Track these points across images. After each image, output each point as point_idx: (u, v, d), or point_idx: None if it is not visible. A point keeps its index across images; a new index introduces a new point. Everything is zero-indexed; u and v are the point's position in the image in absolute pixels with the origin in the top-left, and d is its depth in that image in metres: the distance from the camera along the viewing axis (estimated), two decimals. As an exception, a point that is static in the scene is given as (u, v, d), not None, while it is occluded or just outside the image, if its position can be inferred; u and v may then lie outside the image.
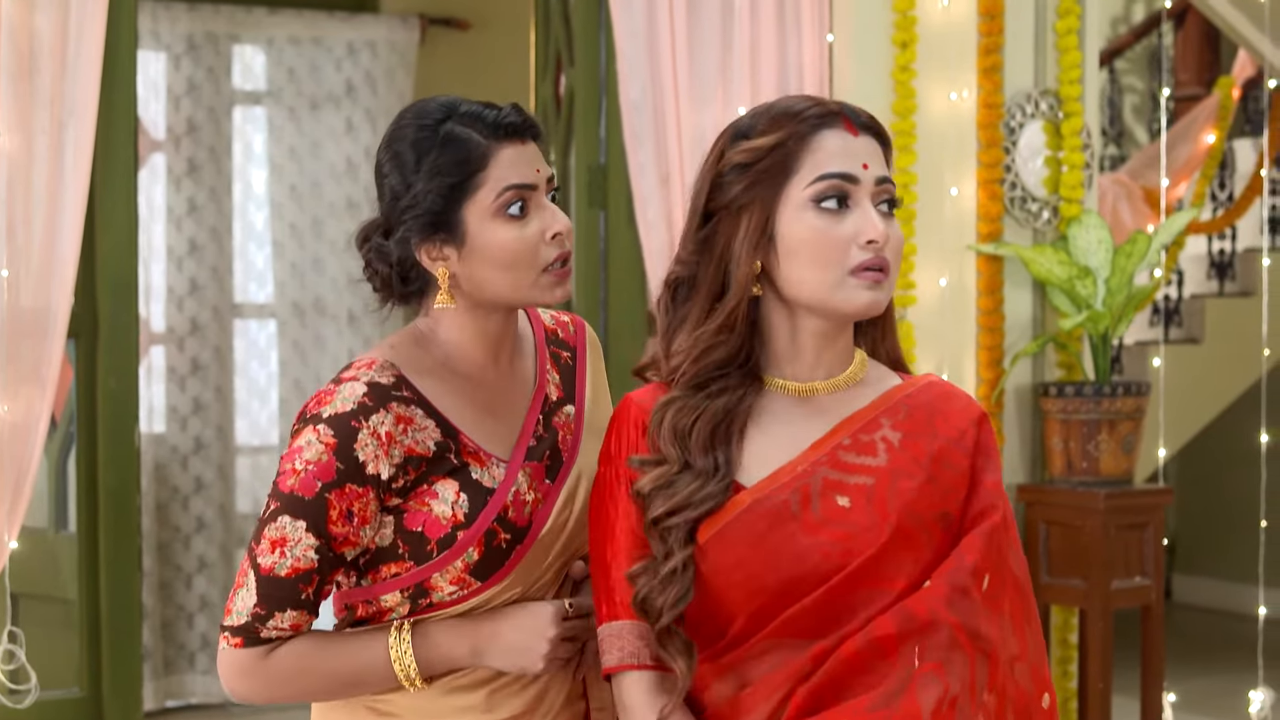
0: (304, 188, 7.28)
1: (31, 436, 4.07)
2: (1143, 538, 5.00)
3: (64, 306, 4.11)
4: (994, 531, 2.23)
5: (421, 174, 2.37)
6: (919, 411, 2.29)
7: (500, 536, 2.36)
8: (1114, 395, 4.92)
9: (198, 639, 7.02)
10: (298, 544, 2.30)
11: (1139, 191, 7.25)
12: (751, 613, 2.20)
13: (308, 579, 2.31)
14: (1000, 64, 5.02)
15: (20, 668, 4.17)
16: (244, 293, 7.39)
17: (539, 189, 2.40)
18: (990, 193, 5.03)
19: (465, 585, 2.37)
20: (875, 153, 2.27)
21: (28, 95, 4.07)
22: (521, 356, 2.53)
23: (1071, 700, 5.14)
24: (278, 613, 2.32)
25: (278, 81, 7.29)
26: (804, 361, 2.30)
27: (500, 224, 2.37)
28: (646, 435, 2.29)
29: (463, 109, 2.40)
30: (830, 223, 2.22)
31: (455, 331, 2.45)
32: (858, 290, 2.22)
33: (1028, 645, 2.26)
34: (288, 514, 2.30)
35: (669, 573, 2.19)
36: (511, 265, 2.38)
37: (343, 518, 2.31)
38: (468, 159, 2.36)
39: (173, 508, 7.03)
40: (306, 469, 2.30)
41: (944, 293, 5.08)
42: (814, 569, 2.18)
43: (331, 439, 2.30)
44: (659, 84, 4.84)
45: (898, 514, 2.20)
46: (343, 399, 2.32)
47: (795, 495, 2.21)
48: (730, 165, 2.27)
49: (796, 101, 2.28)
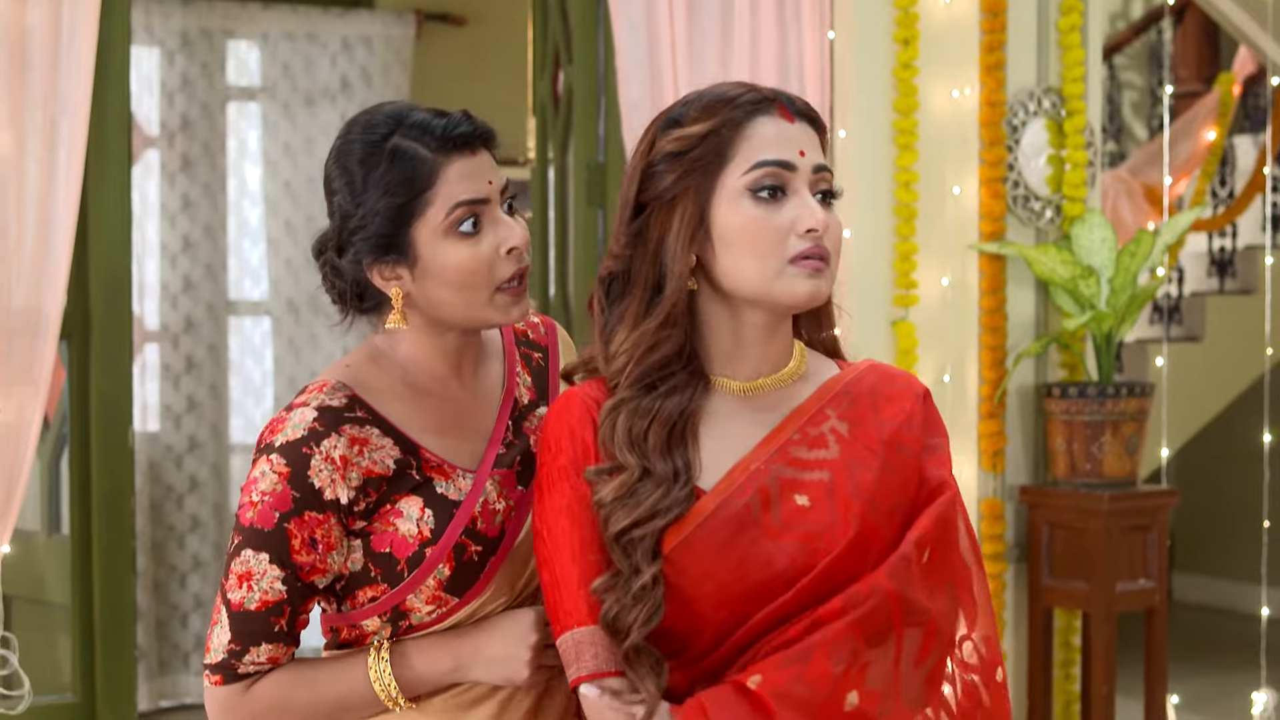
0: (299, 184, 7.23)
1: (24, 439, 4.02)
2: (1146, 540, 4.96)
3: (56, 307, 4.06)
4: (947, 505, 2.20)
5: (369, 193, 2.29)
6: (862, 398, 2.24)
7: (471, 550, 2.30)
8: (1117, 396, 4.88)
9: (192, 639, 6.98)
10: (263, 576, 2.25)
11: (1139, 188, 7.22)
12: (721, 620, 2.15)
13: (279, 610, 2.26)
14: (1003, 61, 4.98)
15: (14, 674, 4.13)
16: (238, 289, 7.35)
17: (492, 202, 2.31)
18: (993, 191, 4.99)
19: (442, 603, 2.31)
20: (812, 140, 2.21)
21: (20, 93, 4.02)
22: (487, 364, 2.46)
23: (1074, 703, 5.11)
24: (252, 647, 2.27)
25: (272, 77, 7.24)
26: (748, 358, 2.24)
27: (452, 243, 2.28)
28: (598, 438, 2.22)
29: (410, 119, 2.30)
30: (767, 211, 2.16)
31: (413, 348, 2.37)
32: (798, 279, 2.16)
33: (975, 621, 2.22)
34: (250, 547, 2.25)
35: (639, 589, 2.12)
36: (465, 285, 2.30)
37: (306, 546, 2.25)
38: (415, 177, 2.27)
39: (167, 506, 6.99)
40: (263, 500, 2.24)
41: (946, 292, 5.05)
42: (781, 573, 2.13)
43: (285, 468, 2.23)
44: (658, 82, 4.79)
45: (861, 505, 2.15)
46: (294, 426, 2.25)
47: (755, 498, 2.16)
48: (661, 154, 2.21)
49: (730, 88, 2.22)
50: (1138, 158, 7.69)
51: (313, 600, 2.31)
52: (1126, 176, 7.28)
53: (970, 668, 2.23)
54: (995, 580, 5.00)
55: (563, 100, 5.34)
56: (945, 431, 2.28)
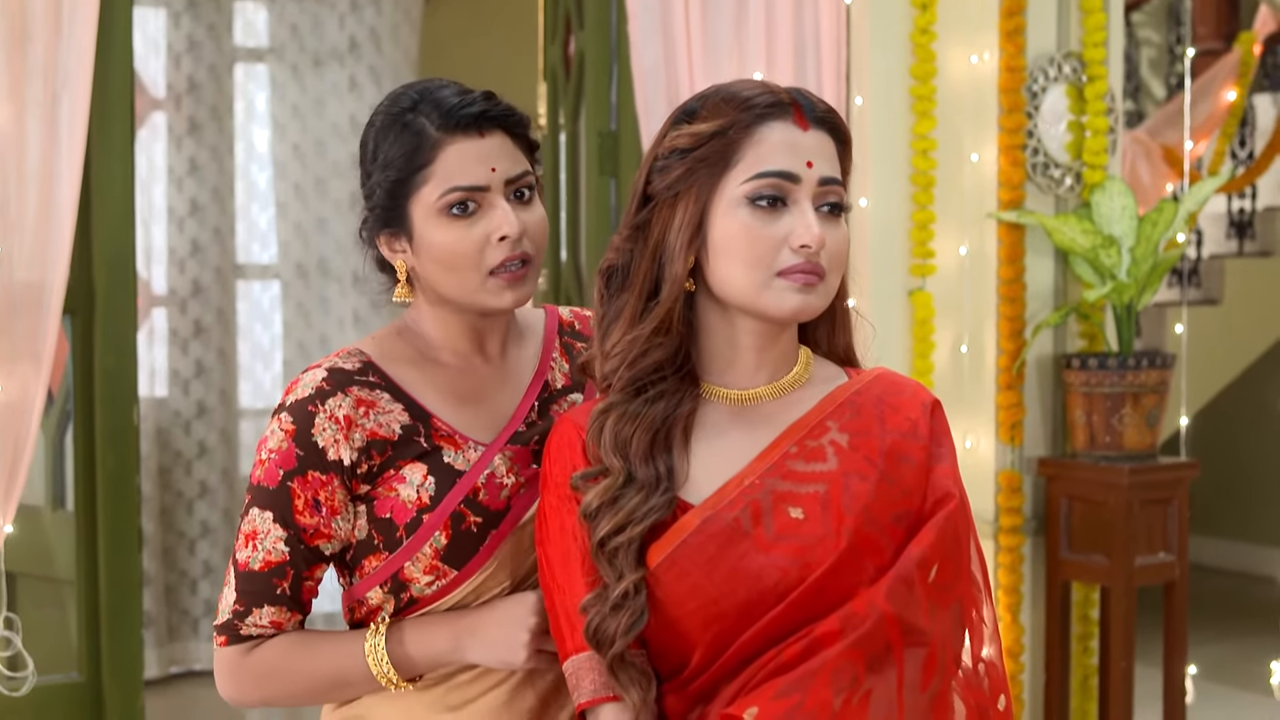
0: (307, 147, 7.16)
1: (27, 417, 3.97)
2: (1166, 513, 4.90)
3: (60, 281, 4.01)
4: (948, 519, 2.13)
5: (377, 165, 2.31)
6: (867, 408, 2.18)
7: (469, 520, 2.28)
8: (1138, 368, 4.81)
9: (201, 605, 6.95)
10: (267, 536, 2.27)
11: (1158, 150, 7.13)
12: (710, 640, 2.09)
13: (281, 573, 2.27)
14: (1022, 26, 4.89)
15: (18, 655, 4.08)
16: (247, 254, 7.29)
17: (491, 189, 2.28)
18: (1012, 159, 4.90)
19: (440, 574, 2.29)
20: (826, 150, 2.14)
21: (20, 64, 3.95)
22: (520, 345, 2.44)
23: (1092, 677, 5.06)
24: (255, 609, 2.28)
25: (280, 38, 7.16)
26: (744, 366, 2.19)
27: (443, 223, 2.28)
28: (585, 449, 2.18)
29: (433, 96, 2.30)
30: (763, 221, 2.10)
31: (435, 324, 2.38)
32: (786, 292, 2.10)
33: (982, 642, 2.17)
34: (256, 505, 2.28)
35: (619, 596, 2.08)
36: (454, 267, 2.29)
37: (309, 507, 2.26)
38: (414, 152, 2.27)
39: (175, 472, 6.95)
40: (270, 458, 2.27)
41: (964, 262, 4.97)
42: (772, 587, 2.07)
43: (290, 425, 2.26)
44: (672, 48, 4.72)
45: (854, 518, 2.09)
46: (304, 385, 2.29)
47: (745, 511, 2.10)
48: (670, 149, 2.16)
49: (747, 87, 2.15)
50: (1156, 119, 7.60)
51: (320, 567, 2.31)
52: (1145, 138, 7.19)
53: (975, 691, 2.16)
54: (1013, 553, 4.94)
55: (574, 66, 5.26)
56: (952, 442, 2.21)
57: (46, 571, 4.51)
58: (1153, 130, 7.39)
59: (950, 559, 2.12)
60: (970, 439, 4.99)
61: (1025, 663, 4.98)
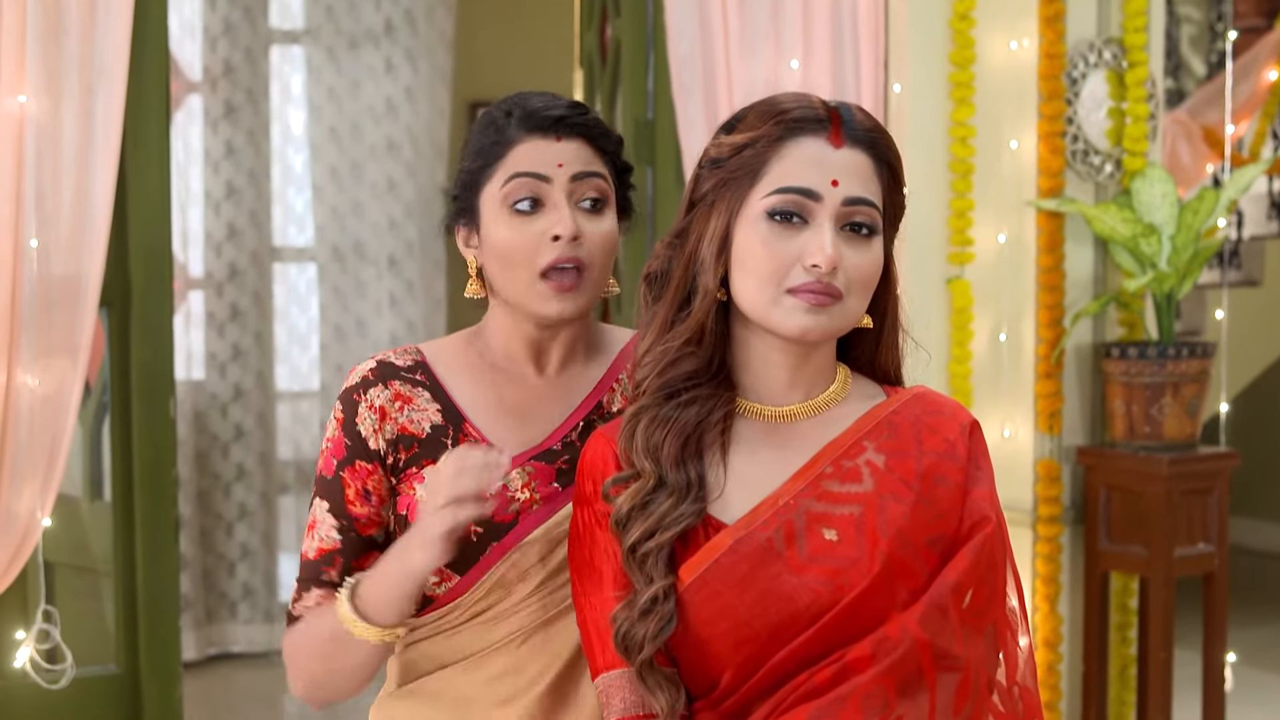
0: (343, 129, 7.15)
1: (64, 410, 3.98)
2: (1206, 503, 4.86)
3: (96, 274, 4.02)
4: (984, 543, 2.10)
5: (465, 157, 2.36)
6: (904, 428, 2.15)
7: (469, 528, 2.26)
8: (1178, 357, 4.77)
9: (239, 588, 6.96)
10: (323, 524, 2.33)
11: (1198, 131, 7.07)
12: (741, 661, 2.08)
13: (330, 560, 2.32)
14: (1062, 12, 4.84)
15: (55, 647, 4.10)
16: (283, 236, 7.30)
17: (554, 183, 2.27)
18: (1051, 146, 4.86)
19: (446, 577, 2.31)
20: (858, 168, 2.11)
21: (56, 58, 3.95)
22: (583, 364, 2.41)
23: (1131, 667, 5.04)
24: (305, 593, 2.34)
25: (316, 20, 7.15)
26: (777, 381, 2.16)
27: (505, 218, 2.29)
28: (617, 463, 2.17)
29: (525, 101, 2.33)
30: (779, 237, 2.08)
31: (497, 329, 2.38)
32: (794, 311, 2.08)
33: (1016, 667, 2.15)
34: (318, 495, 2.34)
35: (648, 602, 2.07)
36: (508, 262, 2.29)
37: (360, 496, 2.32)
38: (491, 145, 2.31)
39: (213, 455, 6.96)
40: (327, 447, 2.34)
41: (1003, 250, 4.94)
42: (804, 610, 2.06)
43: (340, 414, 2.33)
44: (709, 35, 4.69)
45: (889, 542, 2.07)
46: (355, 375, 2.35)
47: (779, 532, 2.08)
48: (708, 158, 2.16)
49: (790, 99, 2.13)
50: (1197, 99, 7.53)
51: (371, 556, 2.31)
52: (1185, 119, 7.12)
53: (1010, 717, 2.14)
54: (1051, 543, 4.91)
55: (610, 53, 5.23)
56: (990, 464, 2.18)
57: (84, 562, 4.53)
58: (1193, 111, 7.32)
59: (985, 584, 2.10)
60: (1008, 428, 4.97)
61: (1063, 653, 4.96)
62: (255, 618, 6.94)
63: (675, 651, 2.11)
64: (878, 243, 2.12)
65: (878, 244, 2.12)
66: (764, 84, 4.65)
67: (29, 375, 3.93)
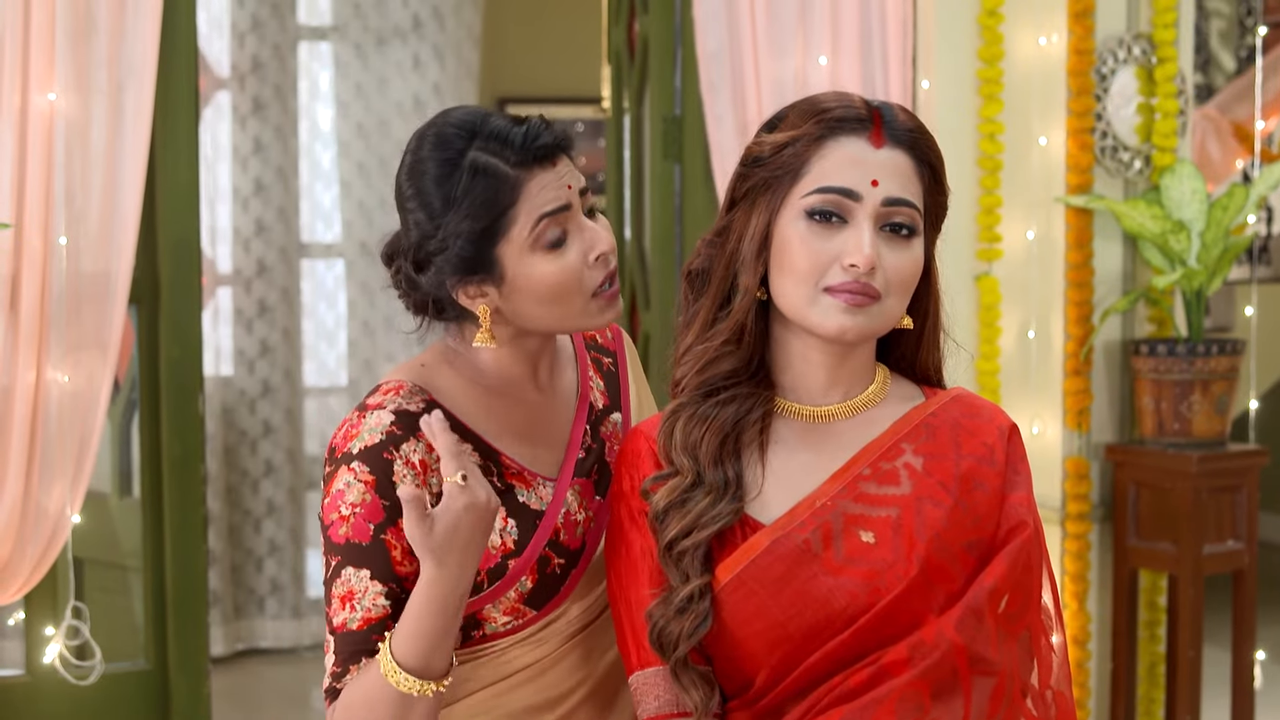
0: (371, 126, 7.16)
1: (94, 407, 3.99)
2: (1235, 501, 4.85)
3: (125, 271, 4.03)
4: (1021, 549, 2.10)
5: (449, 215, 2.20)
6: (942, 431, 2.15)
7: (554, 562, 2.24)
8: (1207, 355, 4.75)
9: (266, 583, 6.98)
10: (365, 594, 2.16)
11: (1228, 126, 7.04)
12: (776, 662, 2.08)
13: (381, 627, 2.16)
14: (1091, 7, 4.83)
15: (85, 643, 4.11)
16: (311, 233, 7.30)
17: (574, 207, 2.23)
18: (1080, 142, 4.84)
19: (520, 615, 2.25)
20: (898, 169, 2.10)
21: (85, 56, 3.97)
22: (561, 367, 2.40)
23: (1159, 664, 5.02)
24: (353, 666, 2.16)
25: (343, 16, 7.16)
26: (815, 381, 2.16)
27: (539, 257, 2.21)
28: (655, 460, 2.16)
29: (486, 129, 2.20)
30: (819, 236, 2.07)
31: (491, 353, 2.30)
32: (831, 311, 2.07)
33: (1051, 672, 2.14)
34: (350, 565, 2.16)
35: (684, 600, 2.07)
36: (557, 298, 2.23)
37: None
38: (496, 197, 2.19)
39: (241, 451, 6.97)
40: (354, 512, 2.16)
41: (1031, 246, 4.93)
42: (840, 611, 2.06)
43: (369, 476, 2.16)
44: (736, 31, 4.68)
45: (926, 545, 2.06)
46: (370, 431, 2.18)
47: (816, 534, 2.07)
48: (750, 156, 2.15)
49: (831, 99, 2.13)
50: (1226, 94, 7.50)
51: None
52: (1215, 114, 7.09)
53: None
54: (1080, 540, 4.90)
55: (638, 49, 5.23)
56: (1028, 468, 2.18)
57: (113, 558, 4.54)
58: (1223, 106, 7.29)
59: (1021, 589, 2.10)
60: (1037, 425, 4.95)
61: (1092, 650, 4.95)
62: (283, 613, 6.95)
63: (710, 650, 2.12)
64: (918, 243, 2.12)
65: (918, 245, 2.12)
66: (792, 81, 4.64)
67: (59, 372, 3.95)
